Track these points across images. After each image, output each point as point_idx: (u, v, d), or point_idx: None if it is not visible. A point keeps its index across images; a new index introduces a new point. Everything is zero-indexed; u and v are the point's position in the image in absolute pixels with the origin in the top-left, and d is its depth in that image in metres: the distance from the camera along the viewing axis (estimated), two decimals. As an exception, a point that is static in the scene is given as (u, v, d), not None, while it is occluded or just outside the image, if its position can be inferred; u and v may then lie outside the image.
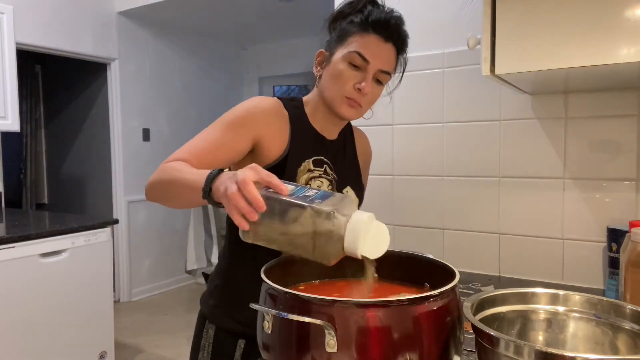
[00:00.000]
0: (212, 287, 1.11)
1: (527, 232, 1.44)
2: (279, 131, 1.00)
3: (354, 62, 0.98)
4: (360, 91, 0.98)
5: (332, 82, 1.00)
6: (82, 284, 2.39)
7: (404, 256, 0.81)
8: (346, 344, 0.57)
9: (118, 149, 4.12)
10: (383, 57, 1.00)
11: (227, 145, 0.95)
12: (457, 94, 1.53)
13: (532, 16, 0.93)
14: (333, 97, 1.01)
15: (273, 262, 0.75)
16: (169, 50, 4.51)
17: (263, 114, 0.99)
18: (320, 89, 1.05)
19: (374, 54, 0.98)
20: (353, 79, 0.99)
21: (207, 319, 1.08)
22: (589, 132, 1.34)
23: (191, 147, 0.94)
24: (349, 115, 1.03)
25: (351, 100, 1.00)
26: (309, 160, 1.02)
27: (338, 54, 1.00)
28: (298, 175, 1.00)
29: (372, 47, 0.99)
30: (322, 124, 1.08)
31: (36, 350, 2.20)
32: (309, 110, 1.08)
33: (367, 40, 0.99)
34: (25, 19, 3.31)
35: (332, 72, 1.00)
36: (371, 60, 0.98)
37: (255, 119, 0.97)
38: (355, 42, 0.99)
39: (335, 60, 1.01)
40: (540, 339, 0.72)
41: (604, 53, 0.88)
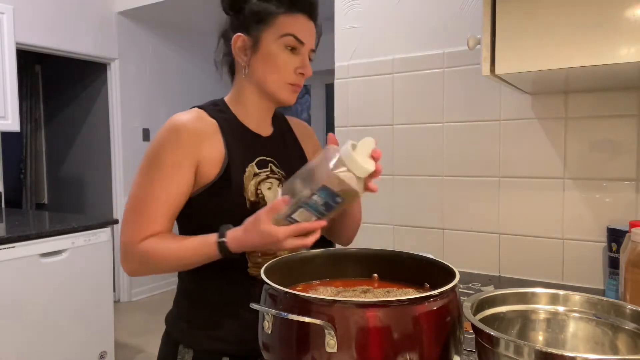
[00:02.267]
0: (180, 309, 1.02)
1: (527, 232, 1.44)
2: (213, 144, 0.93)
3: (290, 45, 0.94)
4: (303, 74, 0.96)
5: (271, 69, 0.95)
6: (82, 284, 2.39)
7: (404, 256, 0.81)
8: (346, 344, 0.57)
9: (118, 149, 4.12)
10: (312, 35, 0.98)
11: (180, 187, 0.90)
12: (457, 94, 1.53)
13: (532, 16, 0.93)
14: (276, 86, 0.96)
15: (273, 262, 0.75)
16: (169, 50, 4.51)
17: (190, 135, 0.91)
18: (254, 79, 0.98)
19: (307, 34, 0.96)
20: (293, 64, 0.95)
21: (182, 343, 0.98)
22: (589, 132, 1.34)
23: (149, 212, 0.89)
24: (291, 101, 0.99)
25: (295, 86, 0.97)
26: (252, 164, 0.96)
27: (268, 38, 0.94)
28: (245, 182, 0.93)
29: (304, 27, 0.96)
30: (256, 121, 1.01)
31: (36, 350, 2.20)
32: (238, 109, 1.00)
33: (296, 21, 0.95)
34: (25, 19, 3.31)
35: (269, 60, 0.95)
36: (306, 41, 0.95)
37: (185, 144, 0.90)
38: (285, 23, 0.94)
39: (266, 45, 0.94)
40: (540, 339, 0.72)
41: (604, 53, 0.88)
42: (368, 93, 1.68)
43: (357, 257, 0.85)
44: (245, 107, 1.01)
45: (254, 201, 0.94)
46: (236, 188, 0.93)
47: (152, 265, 0.90)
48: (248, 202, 0.93)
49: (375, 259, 0.83)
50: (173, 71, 4.56)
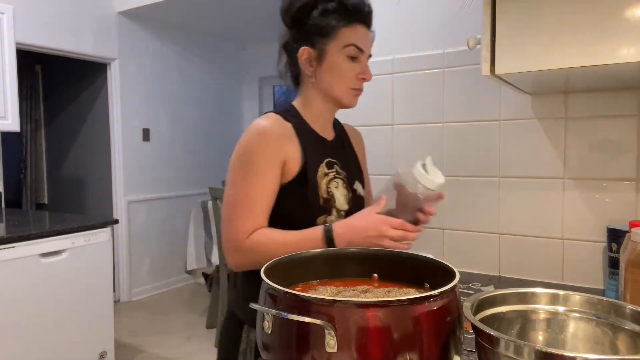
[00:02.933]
0: (243, 290, 1.11)
1: (527, 232, 1.44)
2: (293, 145, 1.04)
3: (352, 54, 1.04)
4: (365, 79, 1.07)
5: (337, 77, 1.05)
6: (82, 284, 2.39)
7: (404, 256, 0.81)
8: (346, 344, 0.57)
9: (118, 149, 4.12)
10: (369, 43, 1.08)
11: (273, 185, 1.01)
12: (457, 94, 1.53)
13: (532, 16, 0.93)
14: (341, 92, 1.07)
15: (273, 262, 0.75)
16: (169, 50, 4.51)
17: (274, 137, 1.01)
18: (322, 87, 1.08)
19: (365, 43, 1.06)
20: (355, 71, 1.05)
21: (246, 323, 1.07)
22: (589, 132, 1.34)
23: (251, 210, 0.99)
24: (354, 104, 1.10)
25: (357, 90, 1.07)
26: (322, 165, 1.07)
27: (333, 50, 1.04)
28: (318, 181, 1.04)
29: (362, 36, 1.05)
30: (321, 125, 1.12)
31: (36, 350, 2.20)
32: (307, 115, 1.10)
33: (356, 31, 1.05)
34: (26, 19, 3.31)
35: (333, 68, 1.05)
36: (366, 49, 1.06)
37: (272, 146, 1.00)
38: (347, 34, 1.04)
39: (331, 56, 1.05)
40: (540, 339, 0.72)
41: (604, 53, 0.88)
42: (368, 93, 1.67)
43: (357, 257, 0.85)
44: (312, 112, 1.11)
45: (325, 198, 1.06)
46: (312, 186, 1.04)
47: (259, 258, 0.92)
48: (321, 199, 1.05)
49: (375, 259, 0.83)
50: (173, 71, 4.56)
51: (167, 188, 4.54)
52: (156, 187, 4.43)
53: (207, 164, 4.90)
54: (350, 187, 1.13)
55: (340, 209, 1.09)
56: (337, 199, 1.07)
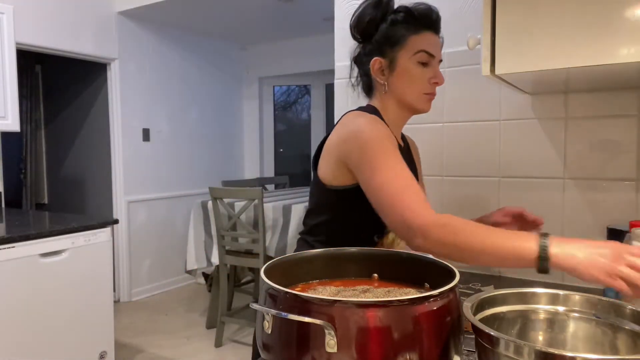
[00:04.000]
0: None
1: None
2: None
3: (423, 60, 1.08)
4: (437, 83, 1.09)
5: (410, 84, 1.08)
6: (82, 284, 2.39)
7: (404, 256, 0.81)
8: (346, 344, 0.57)
9: (118, 149, 4.12)
10: (439, 47, 1.12)
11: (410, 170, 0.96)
12: (457, 94, 1.53)
13: (532, 16, 0.93)
14: (414, 97, 1.09)
15: (273, 262, 0.75)
16: (169, 50, 4.51)
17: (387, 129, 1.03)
18: (395, 95, 1.10)
19: (435, 48, 1.09)
20: (426, 76, 1.08)
21: None
22: (589, 132, 1.34)
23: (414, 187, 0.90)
24: (428, 108, 1.12)
25: (430, 95, 1.10)
26: None
27: (403, 58, 1.08)
28: None
29: (432, 42, 1.09)
30: (396, 131, 1.15)
31: (36, 350, 2.20)
32: (388, 121, 1.12)
33: (426, 38, 1.08)
34: (25, 19, 3.31)
35: (406, 76, 1.08)
36: (436, 54, 1.09)
37: (391, 136, 1.01)
38: (416, 42, 1.07)
39: (402, 64, 1.08)
40: (540, 339, 0.72)
41: (604, 53, 0.88)
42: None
43: (357, 257, 0.85)
44: (390, 118, 1.13)
45: None
46: None
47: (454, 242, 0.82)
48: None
49: (375, 259, 0.83)
50: (173, 71, 4.56)
51: (167, 188, 4.54)
52: (156, 187, 4.44)
53: (207, 164, 4.90)
54: None
55: None
56: None
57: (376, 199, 0.94)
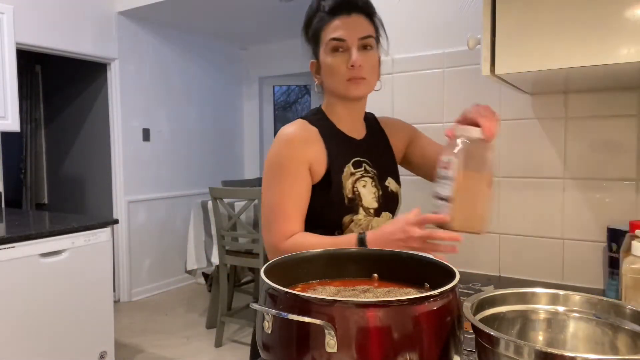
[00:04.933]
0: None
1: (527, 232, 1.44)
2: (317, 148, 1.07)
3: (334, 48, 1.05)
4: (354, 67, 1.04)
5: (331, 76, 1.07)
6: (82, 284, 2.39)
7: (404, 256, 0.81)
8: (346, 344, 0.57)
9: (118, 149, 4.12)
10: (355, 27, 1.06)
11: (303, 188, 1.05)
12: (457, 94, 1.53)
13: (532, 16, 0.93)
14: (338, 87, 1.07)
15: (273, 262, 0.75)
16: (169, 50, 4.51)
17: (301, 144, 1.06)
18: (329, 91, 1.12)
19: (345, 30, 1.05)
20: (343, 62, 1.05)
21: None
22: (589, 132, 1.34)
23: (286, 213, 1.03)
24: (359, 93, 1.08)
25: (353, 80, 1.06)
26: (349, 165, 1.09)
27: (322, 54, 1.08)
28: (343, 181, 1.07)
29: (340, 26, 1.05)
30: (349, 125, 1.14)
31: (36, 350, 2.20)
32: (333, 117, 1.14)
33: (333, 25, 1.06)
34: (25, 19, 3.31)
35: (326, 69, 1.08)
36: (346, 36, 1.04)
37: (298, 151, 1.05)
38: (326, 33, 1.06)
39: (322, 59, 1.09)
40: (540, 339, 0.72)
41: (604, 53, 0.88)
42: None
43: (357, 257, 0.85)
44: (336, 114, 1.14)
45: (351, 198, 1.08)
46: (336, 186, 1.06)
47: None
48: (346, 198, 1.07)
49: (375, 259, 0.83)
50: (173, 71, 4.56)
51: (167, 188, 4.54)
52: (156, 187, 4.44)
53: (207, 164, 4.90)
54: (380, 184, 1.15)
55: (368, 207, 1.11)
56: (364, 198, 1.10)
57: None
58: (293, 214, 1.04)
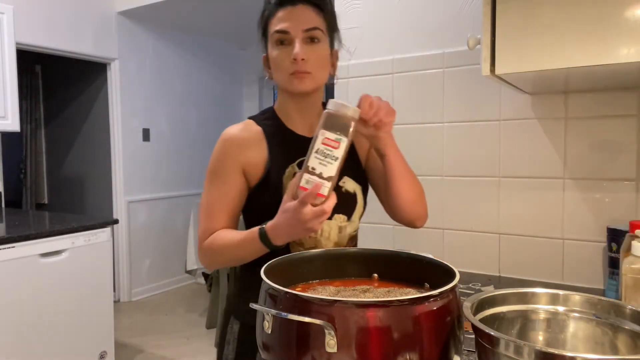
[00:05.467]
0: (236, 287, 1.18)
1: (527, 232, 1.44)
2: (256, 150, 1.04)
3: (279, 40, 1.01)
4: (296, 60, 0.98)
5: (276, 70, 1.04)
6: (82, 284, 2.39)
7: (404, 256, 0.81)
8: (346, 344, 0.57)
9: (118, 149, 4.12)
10: (300, 18, 1.00)
11: (232, 191, 1.03)
12: (457, 94, 1.53)
13: (532, 16, 0.93)
14: (282, 81, 1.03)
15: (273, 262, 0.75)
16: (169, 50, 4.51)
17: (234, 145, 1.04)
18: (278, 85, 1.07)
19: (289, 23, 1.00)
20: (287, 55, 1.00)
21: (232, 314, 1.12)
22: (589, 132, 1.34)
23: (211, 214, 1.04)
24: (304, 87, 1.01)
25: (296, 74, 1.00)
26: (293, 165, 1.03)
27: (269, 47, 1.05)
28: (284, 182, 1.02)
29: (284, 18, 1.01)
30: (300, 124, 1.09)
31: (36, 350, 2.20)
32: (283, 115, 1.09)
33: (277, 17, 1.02)
34: (25, 19, 3.31)
35: (272, 63, 1.04)
36: (289, 28, 1.00)
37: (231, 153, 1.03)
38: (271, 27, 1.03)
39: (269, 53, 1.05)
40: (540, 339, 0.72)
41: (604, 53, 0.88)
42: (368, 93, 1.68)
43: (357, 257, 0.85)
44: (286, 111, 1.09)
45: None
46: (273, 189, 1.02)
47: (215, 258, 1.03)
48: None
49: (375, 259, 0.83)
50: (173, 71, 4.56)
51: (167, 188, 4.54)
52: (156, 187, 4.44)
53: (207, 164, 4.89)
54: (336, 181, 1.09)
55: None
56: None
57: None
58: (218, 214, 1.03)
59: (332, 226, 1.04)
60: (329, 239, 1.03)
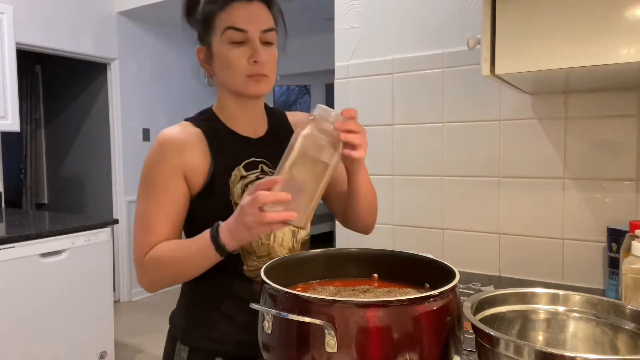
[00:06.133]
0: (180, 307, 1.07)
1: (527, 232, 1.44)
2: (197, 153, 0.94)
3: (234, 39, 0.92)
4: (257, 62, 0.92)
5: (227, 70, 0.95)
6: (82, 284, 2.39)
7: (404, 256, 0.81)
8: (346, 344, 0.57)
9: (118, 149, 4.12)
10: (257, 17, 0.93)
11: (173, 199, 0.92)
12: (457, 94, 1.53)
13: (532, 16, 0.93)
14: (236, 83, 0.94)
15: (273, 262, 0.75)
16: (169, 50, 4.50)
17: (173, 148, 0.94)
18: (221, 84, 0.99)
19: (246, 20, 0.92)
20: (243, 56, 0.92)
21: (179, 340, 1.01)
22: (589, 132, 1.34)
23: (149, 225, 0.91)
24: (261, 91, 0.95)
25: (254, 76, 0.93)
26: (239, 167, 0.96)
27: (215, 42, 0.95)
28: (231, 186, 0.94)
29: (241, 14, 0.92)
30: (242, 124, 1.01)
31: (36, 350, 2.20)
32: (224, 115, 1.01)
33: (232, 11, 0.93)
34: (25, 19, 3.31)
35: (221, 62, 0.95)
36: (247, 27, 0.92)
37: (170, 157, 0.93)
38: (222, 19, 0.93)
39: (216, 49, 0.95)
40: (540, 339, 0.72)
41: (604, 53, 0.88)
42: (368, 93, 1.68)
43: (357, 257, 0.85)
44: (228, 111, 1.01)
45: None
46: (220, 194, 0.93)
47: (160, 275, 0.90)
48: (234, 205, 0.93)
49: (375, 259, 0.83)
50: (173, 71, 4.56)
51: (167, 188, 4.54)
52: (156, 187, 4.43)
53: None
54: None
55: None
56: None
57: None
58: (158, 225, 0.91)
59: (285, 231, 0.97)
60: (282, 245, 0.97)
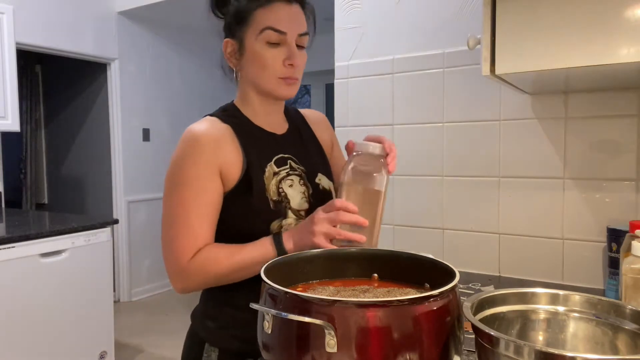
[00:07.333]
0: (206, 307, 1.03)
1: (527, 232, 1.44)
2: (231, 149, 0.93)
3: (271, 39, 0.91)
4: (292, 66, 0.93)
5: (260, 69, 0.93)
6: (82, 284, 2.39)
7: (404, 256, 0.81)
8: (346, 344, 0.57)
9: (118, 149, 4.12)
10: (296, 20, 0.93)
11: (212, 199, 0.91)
12: (457, 94, 1.53)
13: (532, 16, 0.93)
14: (267, 83, 0.94)
15: (273, 263, 0.75)
16: (169, 50, 4.51)
17: (209, 144, 0.91)
18: (249, 81, 0.98)
19: (286, 22, 0.91)
20: (279, 57, 0.92)
21: (207, 342, 0.98)
22: (589, 132, 1.34)
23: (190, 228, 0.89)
24: (289, 94, 0.96)
25: (287, 79, 0.94)
26: (271, 163, 0.96)
27: (250, 38, 0.93)
28: (266, 183, 0.93)
29: (282, 15, 0.91)
30: (267, 120, 1.01)
31: (36, 350, 2.20)
32: (248, 111, 1.00)
33: (272, 11, 0.91)
34: (25, 19, 3.31)
35: (255, 60, 0.93)
36: (287, 29, 0.91)
37: (206, 155, 0.90)
38: (262, 17, 0.91)
39: (250, 45, 0.93)
40: (540, 339, 0.72)
41: (604, 53, 0.88)
42: (368, 93, 1.68)
43: (357, 257, 0.84)
44: (253, 108, 1.00)
45: (276, 200, 0.94)
46: (258, 189, 0.93)
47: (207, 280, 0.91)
48: (271, 202, 0.94)
49: (375, 259, 0.83)
50: (173, 71, 4.56)
51: (167, 188, 4.54)
52: (156, 187, 4.43)
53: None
54: (310, 182, 1.01)
55: (298, 209, 0.97)
56: (293, 199, 0.96)
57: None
58: (199, 227, 0.89)
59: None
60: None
